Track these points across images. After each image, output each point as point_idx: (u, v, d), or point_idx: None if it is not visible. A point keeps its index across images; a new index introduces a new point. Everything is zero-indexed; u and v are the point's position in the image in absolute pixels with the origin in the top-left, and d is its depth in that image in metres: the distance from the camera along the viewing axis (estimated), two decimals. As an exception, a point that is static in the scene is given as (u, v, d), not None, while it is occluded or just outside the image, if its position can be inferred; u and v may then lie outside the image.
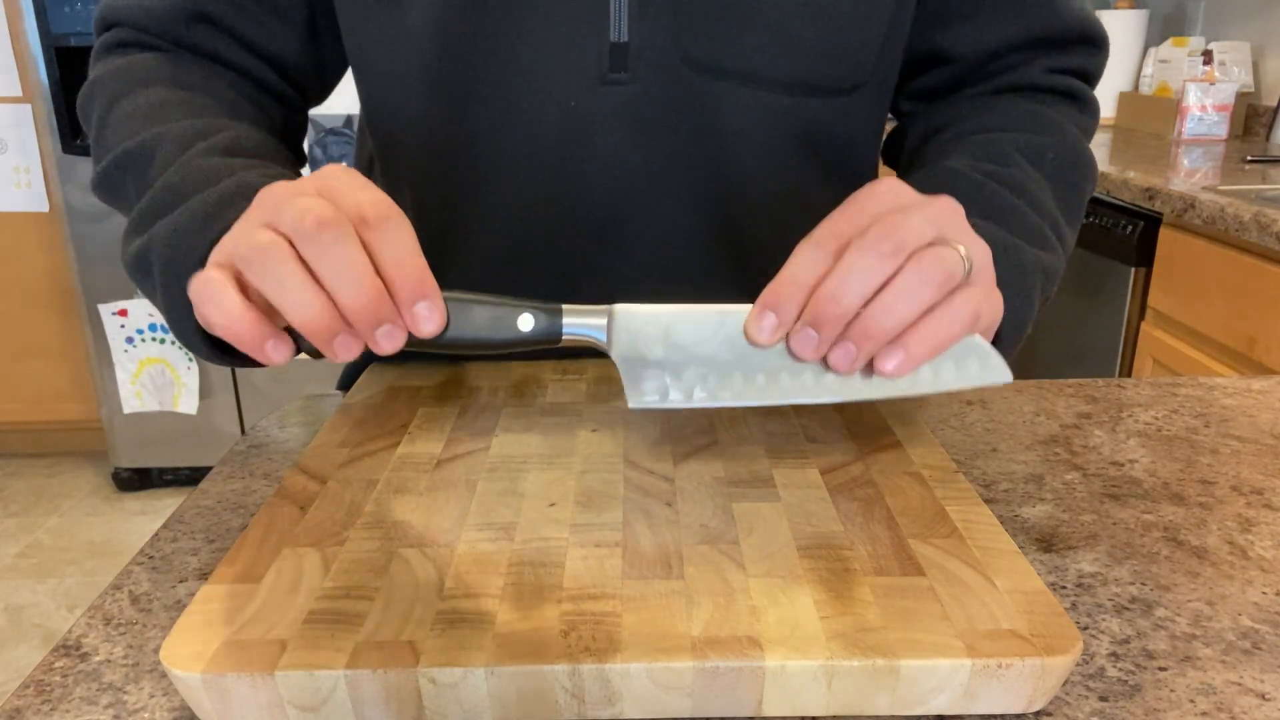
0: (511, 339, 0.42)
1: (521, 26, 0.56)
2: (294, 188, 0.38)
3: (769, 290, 0.40)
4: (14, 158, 2.38)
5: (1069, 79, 0.64)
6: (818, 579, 0.37)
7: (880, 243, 0.39)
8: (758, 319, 0.40)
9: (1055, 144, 0.59)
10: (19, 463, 2.68)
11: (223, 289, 0.37)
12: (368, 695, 0.33)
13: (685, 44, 0.56)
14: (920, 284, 0.39)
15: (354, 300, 0.36)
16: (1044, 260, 0.52)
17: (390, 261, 0.37)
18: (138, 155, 0.52)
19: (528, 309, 0.42)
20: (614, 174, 0.59)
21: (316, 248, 0.36)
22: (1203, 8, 2.36)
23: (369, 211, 0.37)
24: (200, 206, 0.46)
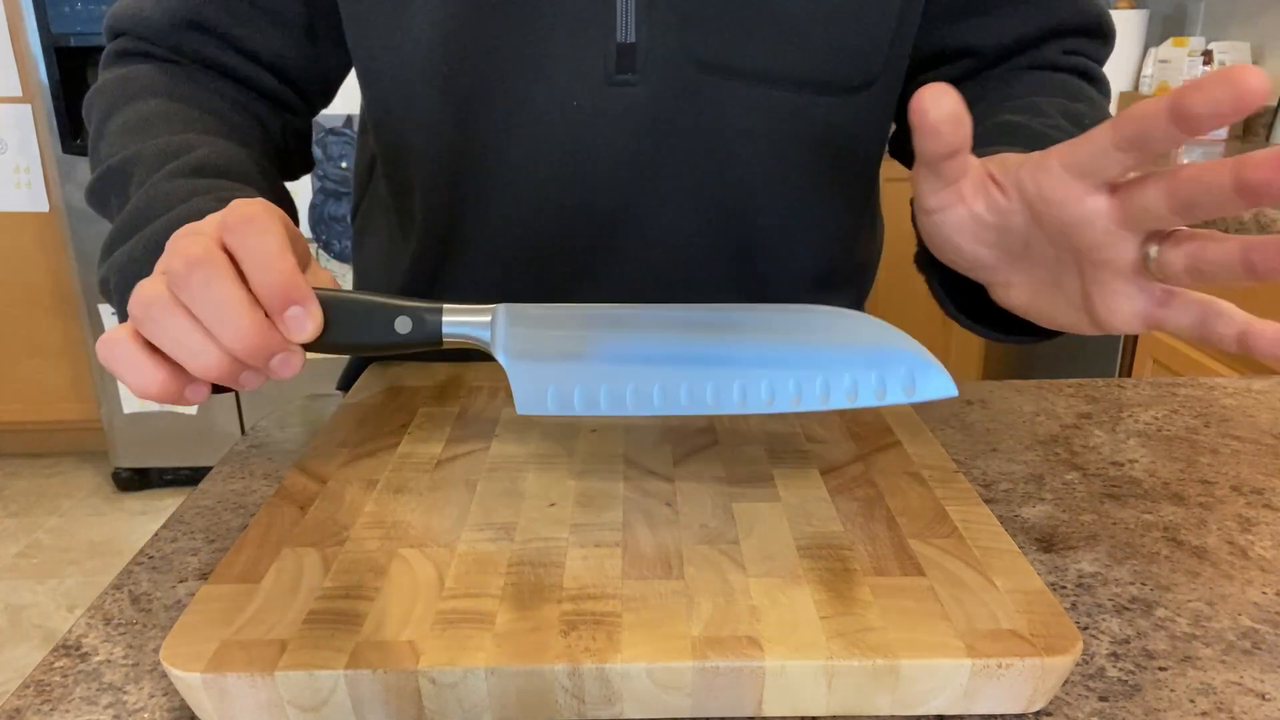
0: (388, 341, 0.40)
1: (528, 29, 0.56)
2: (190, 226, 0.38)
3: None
4: (14, 158, 2.38)
5: (1082, 59, 0.65)
6: (818, 579, 0.37)
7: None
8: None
9: (1089, 110, 0.59)
10: (19, 463, 2.68)
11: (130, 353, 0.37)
12: (368, 695, 0.33)
13: (693, 44, 0.56)
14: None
15: (235, 340, 0.36)
16: None
17: (254, 268, 0.36)
18: (118, 173, 0.53)
19: (405, 310, 0.40)
20: (622, 175, 0.59)
21: (190, 292, 0.35)
22: (1203, 8, 2.36)
23: (229, 218, 0.36)
24: (151, 236, 0.46)
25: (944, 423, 0.59)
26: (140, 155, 0.52)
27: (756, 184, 0.61)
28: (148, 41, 0.61)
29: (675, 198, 0.61)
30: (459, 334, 0.42)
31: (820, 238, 0.66)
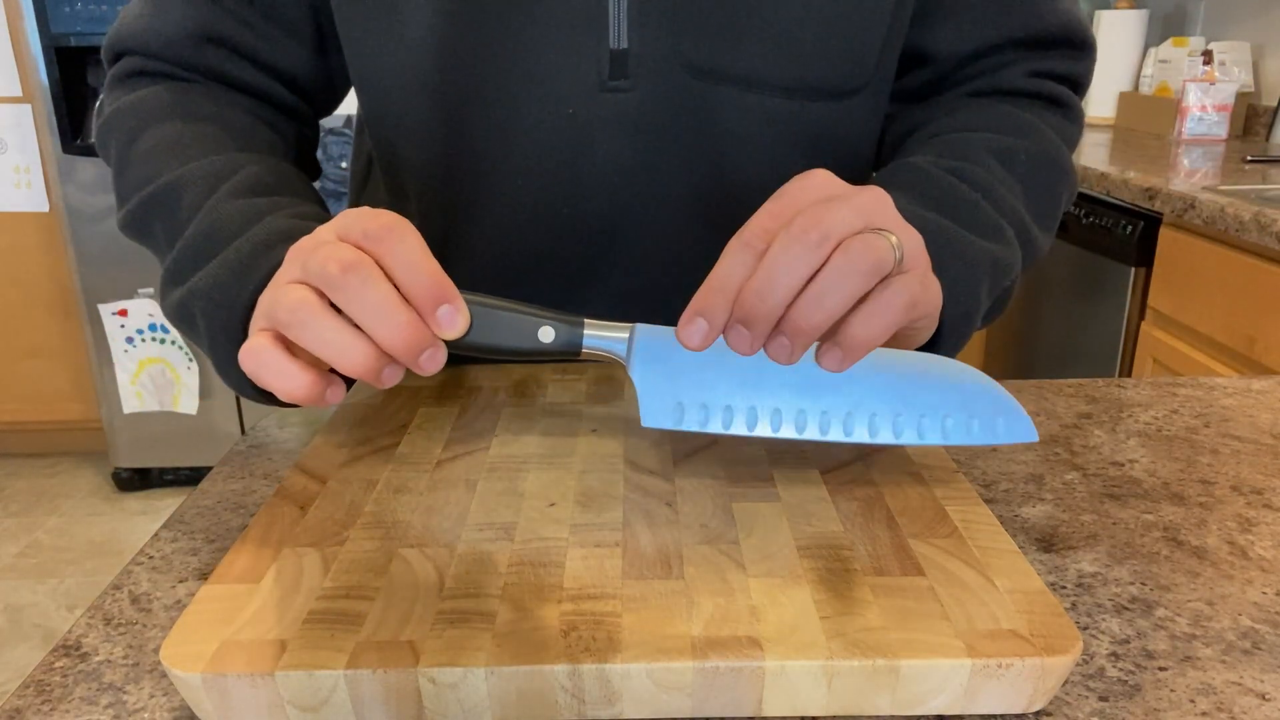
0: (531, 349, 0.43)
1: (521, 35, 0.56)
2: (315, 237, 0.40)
3: (698, 295, 0.40)
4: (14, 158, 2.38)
5: (1051, 84, 0.63)
6: (818, 579, 0.37)
7: (805, 234, 0.38)
8: (688, 324, 0.40)
9: (1028, 146, 0.59)
10: (19, 463, 2.68)
11: (276, 359, 0.38)
12: (368, 695, 0.33)
13: (685, 50, 0.56)
14: (848, 273, 0.38)
15: (391, 336, 0.37)
16: (995, 252, 0.51)
17: (403, 271, 0.38)
18: (163, 199, 0.53)
19: (549, 321, 0.42)
20: (615, 181, 0.59)
21: (346, 293, 0.37)
22: (1203, 8, 2.36)
23: (370, 226, 0.38)
24: (235, 258, 0.47)
25: (944, 423, 0.59)
26: (185, 179, 0.52)
27: (750, 188, 0.61)
28: (159, 59, 0.60)
29: (669, 202, 0.61)
30: (598, 347, 0.44)
31: None
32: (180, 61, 0.60)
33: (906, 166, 0.56)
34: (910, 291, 0.40)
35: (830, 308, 0.39)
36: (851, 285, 0.39)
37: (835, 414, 0.44)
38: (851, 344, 0.40)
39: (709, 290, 0.40)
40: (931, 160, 0.56)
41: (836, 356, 0.40)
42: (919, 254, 0.42)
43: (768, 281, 0.39)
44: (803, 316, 0.39)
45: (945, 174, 0.54)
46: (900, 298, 0.40)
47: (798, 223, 0.39)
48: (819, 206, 0.40)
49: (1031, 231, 0.57)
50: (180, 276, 0.49)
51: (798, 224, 0.39)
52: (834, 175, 0.42)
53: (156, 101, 0.58)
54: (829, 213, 0.39)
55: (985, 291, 0.51)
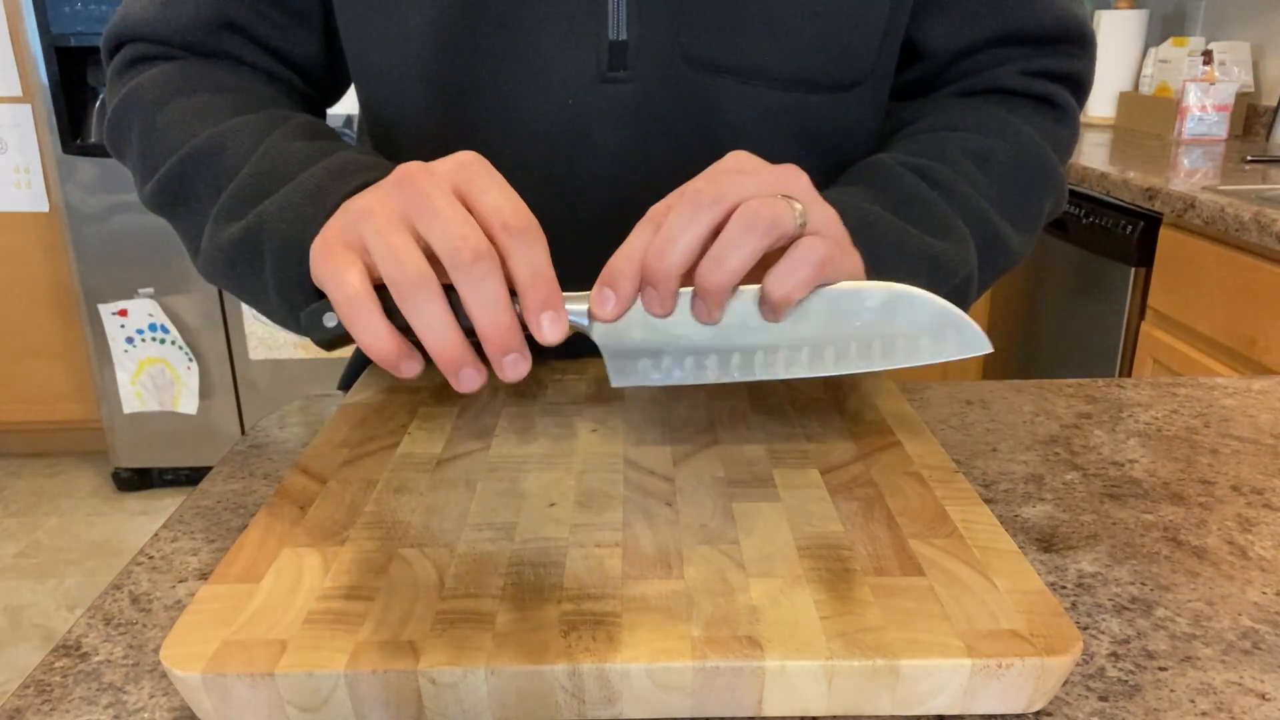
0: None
1: (520, 26, 0.55)
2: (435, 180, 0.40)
3: (606, 268, 0.42)
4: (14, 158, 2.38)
5: (1045, 83, 0.63)
6: (818, 579, 0.37)
7: (698, 196, 0.40)
8: (598, 297, 0.42)
9: (1007, 148, 0.59)
10: (19, 463, 2.68)
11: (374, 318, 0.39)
12: (368, 695, 0.33)
13: (684, 41, 0.56)
14: (744, 230, 0.39)
15: (492, 330, 0.39)
16: (936, 249, 0.52)
17: (525, 274, 0.40)
18: (207, 153, 0.52)
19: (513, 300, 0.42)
20: (613, 172, 0.59)
21: (468, 280, 0.38)
22: (1203, 8, 2.36)
23: (511, 220, 0.39)
24: (312, 180, 0.47)
25: (944, 423, 0.59)
26: (230, 133, 0.52)
27: None
28: (170, 45, 0.60)
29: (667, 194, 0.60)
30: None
31: None
32: (195, 49, 0.60)
33: (869, 164, 0.57)
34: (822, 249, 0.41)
35: (731, 267, 0.40)
36: (749, 244, 0.40)
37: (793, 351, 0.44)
38: (771, 301, 0.41)
39: (613, 262, 0.42)
40: (897, 157, 0.56)
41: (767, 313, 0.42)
42: (831, 224, 0.44)
43: (664, 243, 0.40)
44: (707, 276, 0.40)
45: (907, 170, 0.55)
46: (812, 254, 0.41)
47: (692, 186, 0.41)
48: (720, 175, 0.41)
49: (1001, 233, 0.57)
50: (238, 212, 0.49)
51: (692, 188, 0.41)
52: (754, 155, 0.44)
53: (174, 75, 0.58)
54: (727, 180, 0.41)
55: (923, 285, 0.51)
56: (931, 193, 0.54)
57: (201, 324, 2.32)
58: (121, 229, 2.25)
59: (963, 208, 0.55)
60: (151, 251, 2.26)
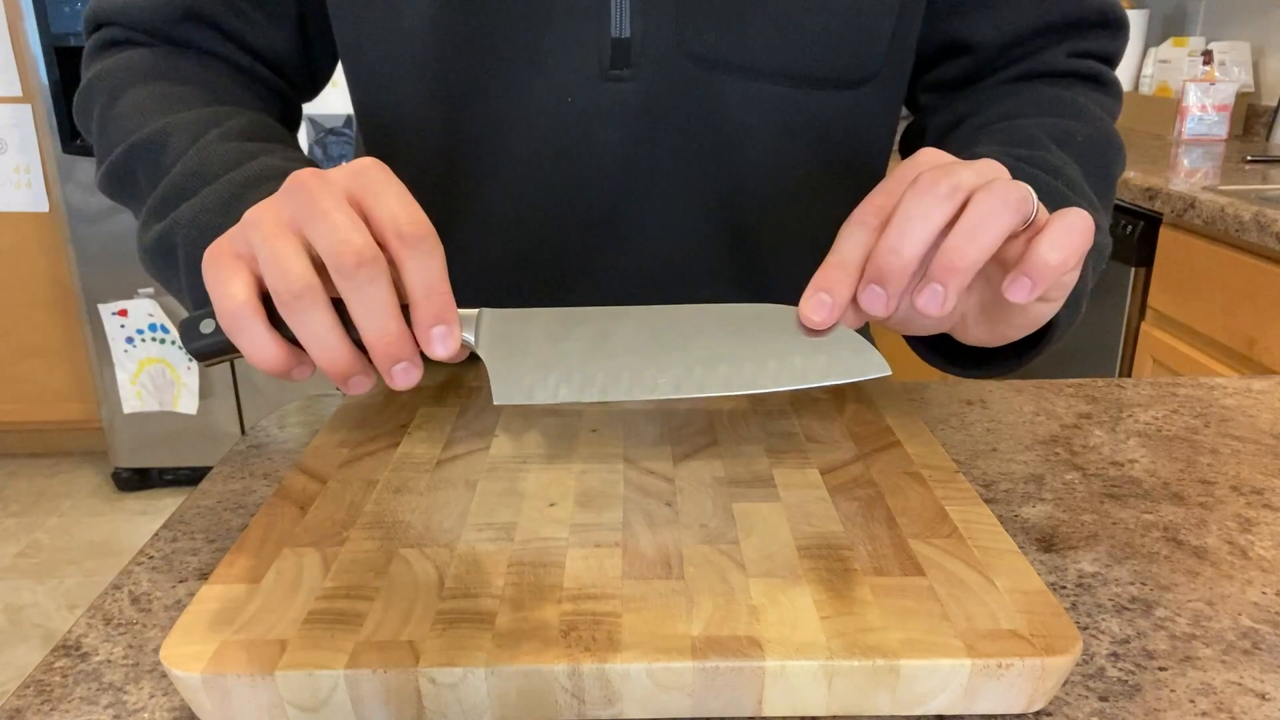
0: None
1: (521, 24, 0.55)
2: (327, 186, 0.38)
3: (819, 273, 0.39)
4: (14, 158, 2.38)
5: (1090, 62, 0.64)
6: (818, 579, 0.37)
7: (935, 185, 0.37)
8: (812, 300, 0.39)
9: (1082, 127, 0.58)
10: (19, 463, 2.68)
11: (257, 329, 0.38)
12: (368, 695, 0.33)
13: (688, 38, 0.56)
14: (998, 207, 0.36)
15: (378, 339, 0.38)
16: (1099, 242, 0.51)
17: (418, 286, 0.38)
18: (149, 145, 0.52)
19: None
20: (616, 171, 0.59)
21: (352, 286, 0.37)
22: (1203, 8, 2.36)
23: (406, 229, 0.37)
24: (225, 188, 0.46)
25: (944, 423, 0.59)
26: (172, 126, 0.52)
27: (754, 179, 0.61)
28: (139, 30, 0.60)
29: (672, 193, 0.60)
30: None
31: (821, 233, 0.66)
32: (161, 35, 0.60)
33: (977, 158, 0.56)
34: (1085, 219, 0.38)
35: (985, 243, 0.37)
36: (1004, 220, 0.37)
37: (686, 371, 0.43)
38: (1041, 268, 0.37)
39: (829, 266, 0.39)
40: (1000, 151, 0.55)
41: (1025, 286, 0.38)
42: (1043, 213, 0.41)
43: (900, 237, 0.37)
44: (958, 254, 0.37)
45: (1019, 163, 0.53)
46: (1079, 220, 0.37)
47: (923, 178, 0.38)
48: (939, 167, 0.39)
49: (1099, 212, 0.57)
50: (163, 210, 0.48)
51: (924, 179, 0.38)
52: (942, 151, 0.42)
53: (141, 63, 0.58)
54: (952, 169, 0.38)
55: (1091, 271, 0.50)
56: (1056, 182, 0.53)
57: (201, 324, 2.32)
58: (121, 229, 2.25)
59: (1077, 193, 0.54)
60: (151, 251, 2.26)
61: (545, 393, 0.43)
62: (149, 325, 2.31)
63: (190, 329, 0.40)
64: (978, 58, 0.64)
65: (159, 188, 0.50)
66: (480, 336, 0.44)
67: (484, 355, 0.43)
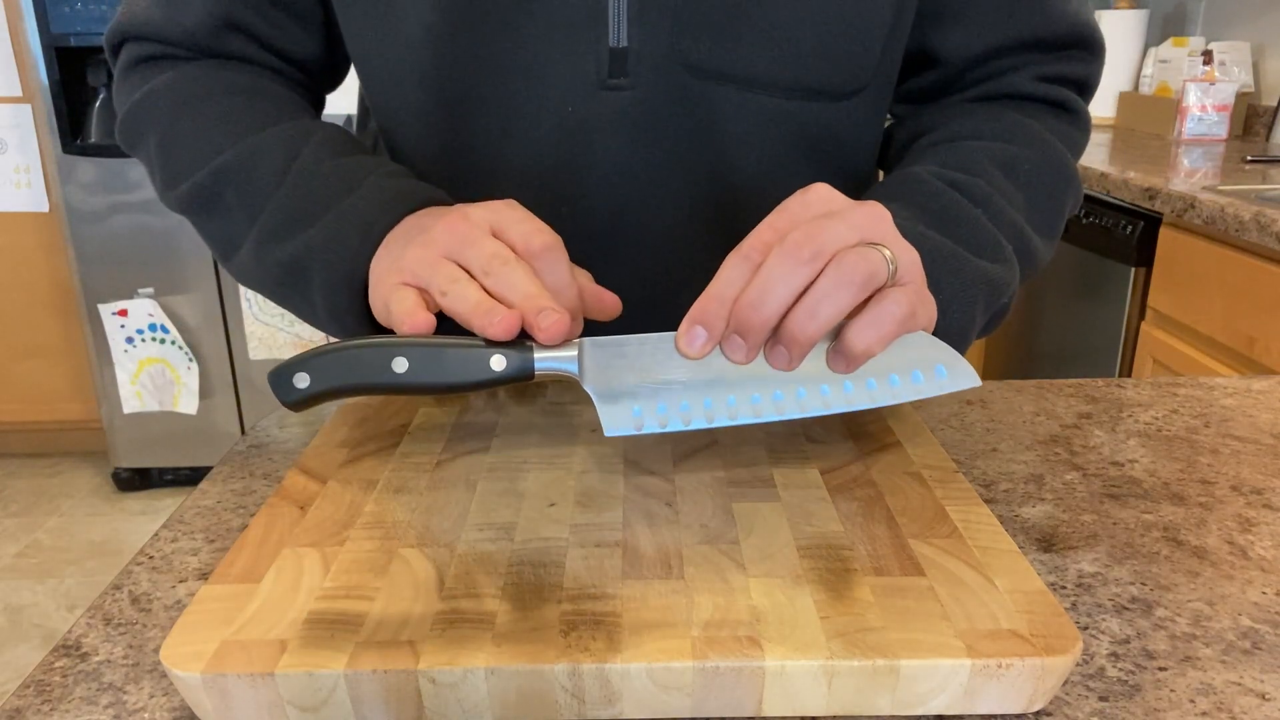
0: (486, 379, 0.43)
1: (520, 33, 0.55)
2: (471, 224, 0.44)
3: (696, 306, 0.42)
4: (14, 158, 2.38)
5: (1059, 89, 0.63)
6: (818, 579, 0.37)
7: (799, 249, 0.40)
8: (687, 334, 0.42)
9: (1032, 155, 0.59)
10: (19, 463, 2.68)
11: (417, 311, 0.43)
12: (368, 695, 0.33)
13: (685, 49, 0.56)
14: (841, 284, 0.40)
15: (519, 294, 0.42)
16: (990, 272, 0.52)
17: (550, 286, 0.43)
18: (237, 168, 0.55)
19: (499, 350, 0.43)
20: (613, 179, 0.59)
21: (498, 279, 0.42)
22: (1203, 8, 2.36)
23: (535, 242, 0.44)
24: (354, 213, 0.50)
25: (944, 423, 0.59)
26: (256, 148, 0.55)
27: (749, 188, 0.61)
28: (176, 45, 0.61)
29: (668, 201, 0.60)
30: (551, 368, 0.44)
31: None
32: (200, 49, 0.61)
33: (909, 177, 0.56)
34: (907, 303, 0.41)
35: (823, 318, 0.40)
36: (844, 296, 0.40)
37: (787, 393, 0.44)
38: (851, 353, 0.41)
39: (707, 299, 0.41)
40: (934, 171, 0.56)
41: (840, 363, 0.42)
42: (914, 269, 0.43)
43: (761, 294, 0.40)
44: (798, 326, 0.40)
45: (947, 188, 0.54)
46: (898, 309, 0.41)
47: (792, 237, 0.40)
48: (815, 222, 0.41)
49: (1032, 243, 0.57)
50: (282, 234, 0.52)
51: (792, 239, 0.40)
52: (835, 190, 0.43)
53: (191, 80, 0.59)
54: (824, 229, 0.40)
55: (980, 309, 0.52)
56: (975, 210, 0.54)
57: (201, 324, 2.32)
58: (121, 229, 2.25)
59: (999, 222, 0.55)
60: (151, 251, 2.26)
61: (654, 422, 0.44)
62: (149, 325, 2.31)
63: (284, 383, 0.41)
64: (945, 71, 0.64)
65: (268, 209, 0.53)
66: (585, 370, 0.44)
67: (590, 389, 0.44)
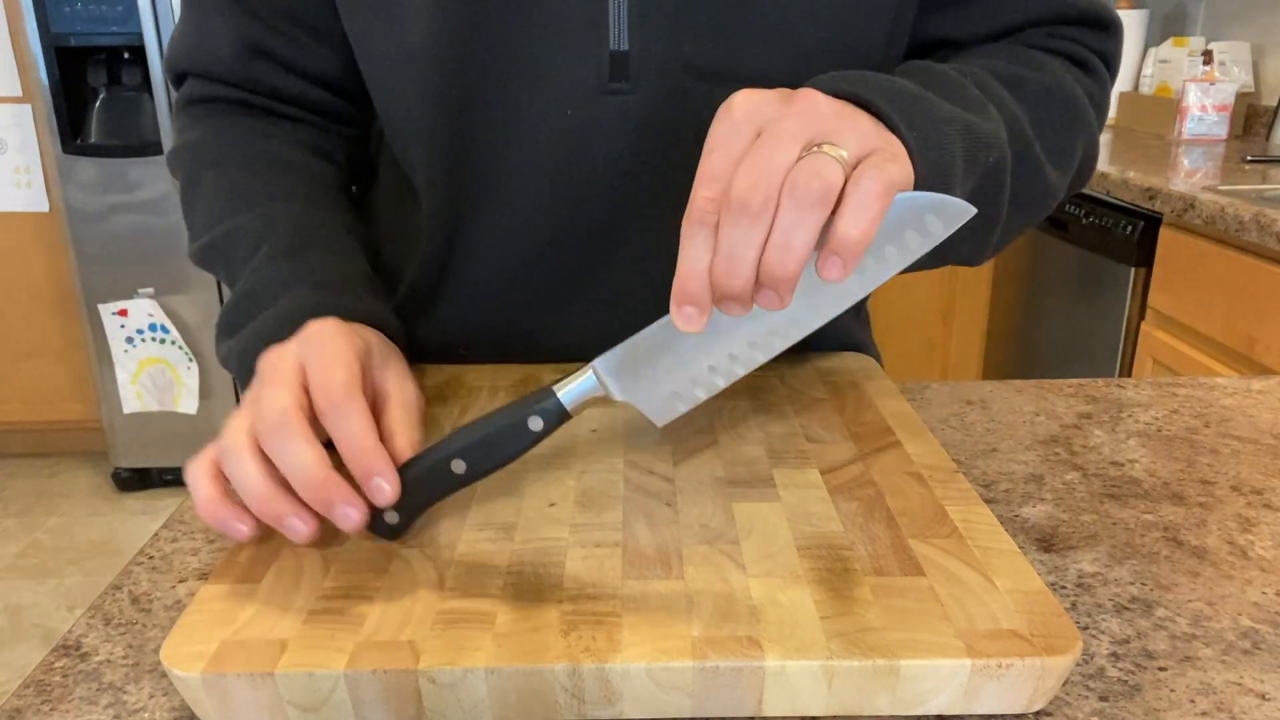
0: (529, 444, 0.44)
1: (520, 37, 0.56)
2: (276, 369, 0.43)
3: (676, 286, 0.41)
4: (14, 158, 2.38)
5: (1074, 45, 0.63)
6: (818, 579, 0.37)
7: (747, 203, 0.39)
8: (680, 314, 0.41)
9: (1039, 78, 0.57)
10: (19, 463, 2.68)
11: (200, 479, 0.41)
12: (368, 695, 0.33)
13: (686, 51, 0.56)
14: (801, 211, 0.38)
15: (304, 488, 0.39)
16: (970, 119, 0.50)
17: (345, 443, 0.41)
18: (220, 248, 0.59)
19: (533, 411, 0.43)
20: (615, 182, 0.59)
21: (273, 445, 0.40)
22: (1203, 8, 2.36)
23: (335, 397, 0.42)
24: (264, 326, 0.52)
25: (944, 423, 0.59)
26: (237, 230, 0.58)
27: None
28: (218, 82, 0.64)
29: (671, 203, 0.60)
30: (580, 397, 0.44)
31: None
32: (233, 79, 0.64)
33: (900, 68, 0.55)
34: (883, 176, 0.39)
35: (799, 249, 0.39)
36: (810, 220, 0.39)
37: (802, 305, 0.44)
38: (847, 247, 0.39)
39: (684, 279, 0.41)
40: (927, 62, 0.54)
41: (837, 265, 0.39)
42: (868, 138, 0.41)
43: (729, 262, 0.40)
44: (778, 267, 0.39)
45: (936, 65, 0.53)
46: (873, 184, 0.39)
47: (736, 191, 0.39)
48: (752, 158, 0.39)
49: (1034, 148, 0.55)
50: (228, 331, 0.56)
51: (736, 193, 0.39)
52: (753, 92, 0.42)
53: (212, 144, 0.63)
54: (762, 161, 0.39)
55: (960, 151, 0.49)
56: (961, 79, 0.52)
57: (201, 324, 2.32)
58: (121, 229, 2.25)
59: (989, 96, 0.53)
60: (151, 251, 2.26)
61: (692, 394, 0.45)
62: (149, 325, 2.31)
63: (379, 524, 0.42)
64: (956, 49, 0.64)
65: (226, 305, 0.56)
66: (608, 385, 0.44)
67: (624, 398, 0.45)
